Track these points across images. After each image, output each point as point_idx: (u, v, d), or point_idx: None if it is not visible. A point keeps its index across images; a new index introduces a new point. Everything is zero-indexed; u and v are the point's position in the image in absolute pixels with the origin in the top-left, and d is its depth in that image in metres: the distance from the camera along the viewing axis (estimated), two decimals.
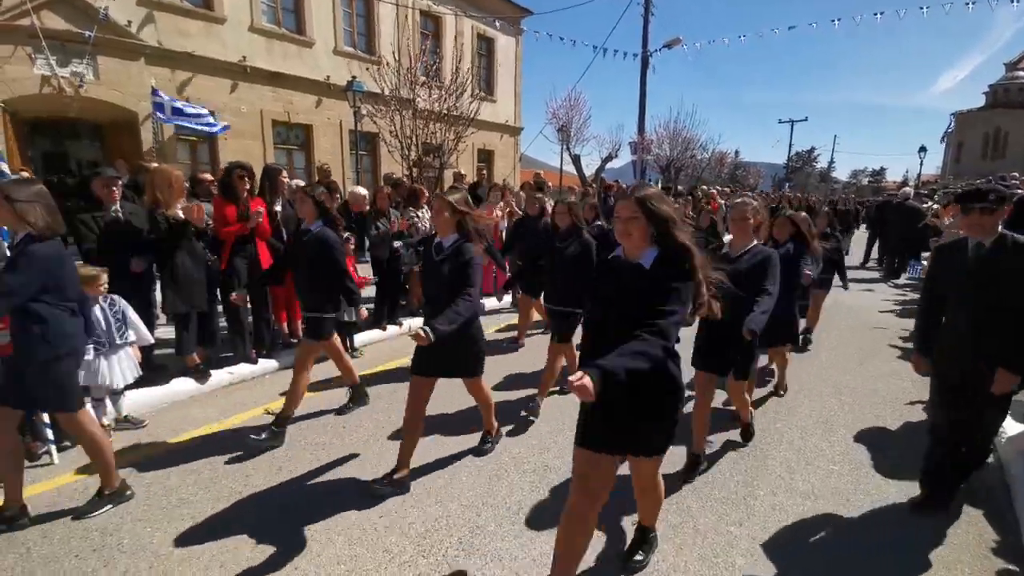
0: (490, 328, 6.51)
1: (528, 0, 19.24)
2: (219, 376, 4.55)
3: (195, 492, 3.02)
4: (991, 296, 2.56)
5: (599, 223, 5.51)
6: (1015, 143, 39.89)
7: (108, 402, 3.61)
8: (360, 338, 5.68)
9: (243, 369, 4.73)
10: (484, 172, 11.95)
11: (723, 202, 12.37)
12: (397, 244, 6.08)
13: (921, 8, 15.61)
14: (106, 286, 3.51)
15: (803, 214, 4.68)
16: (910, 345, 5.49)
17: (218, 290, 4.63)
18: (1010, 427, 3.68)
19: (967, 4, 14.19)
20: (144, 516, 2.78)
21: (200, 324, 4.44)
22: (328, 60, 13.73)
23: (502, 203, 7.78)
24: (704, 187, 15.82)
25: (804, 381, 4.96)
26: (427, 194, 7.55)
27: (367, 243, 6.00)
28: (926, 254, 10.52)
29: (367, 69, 11.34)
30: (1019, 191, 5.83)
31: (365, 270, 6.11)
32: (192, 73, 11.30)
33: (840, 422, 4.14)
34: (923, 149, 26.87)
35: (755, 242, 3.16)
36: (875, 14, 15.08)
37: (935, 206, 10.20)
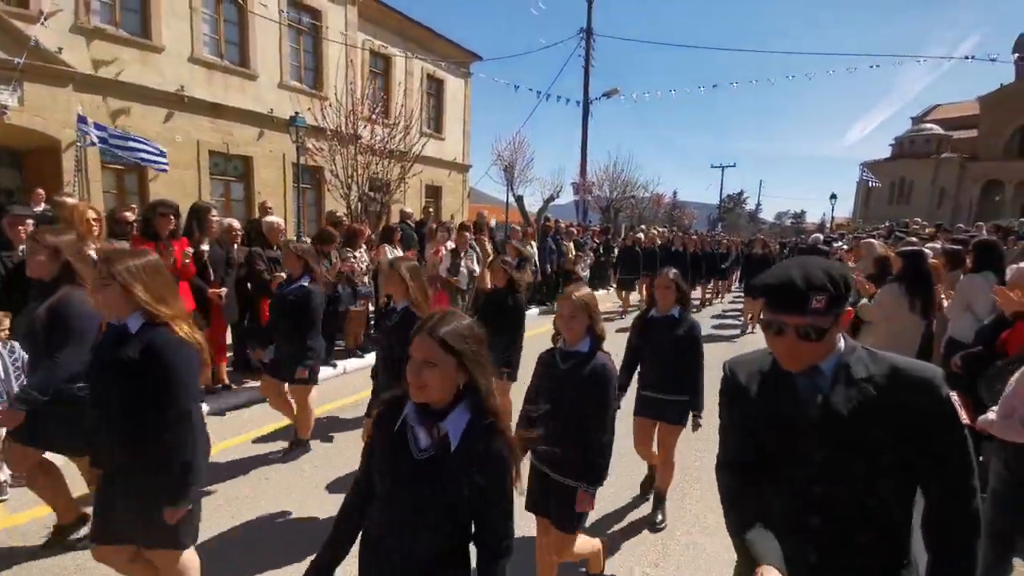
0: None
1: (477, 45, 19.99)
2: None
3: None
4: (857, 467, 1.29)
5: None
6: (919, 191, 44.14)
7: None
8: None
9: None
10: (431, 210, 12.00)
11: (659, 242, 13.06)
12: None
13: (829, 71, 17.35)
14: (7, 331, 3.30)
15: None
16: None
17: None
18: None
19: (871, 67, 16.05)
20: None
21: None
22: (272, 93, 13.61)
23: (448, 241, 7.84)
24: (643, 227, 16.62)
25: None
26: (367, 232, 7.55)
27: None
28: None
29: (309, 109, 11.35)
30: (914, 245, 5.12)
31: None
32: (124, 101, 10.93)
33: None
34: (833, 196, 29.16)
35: None
36: (787, 77, 16.76)
37: (844, 247, 11.01)
